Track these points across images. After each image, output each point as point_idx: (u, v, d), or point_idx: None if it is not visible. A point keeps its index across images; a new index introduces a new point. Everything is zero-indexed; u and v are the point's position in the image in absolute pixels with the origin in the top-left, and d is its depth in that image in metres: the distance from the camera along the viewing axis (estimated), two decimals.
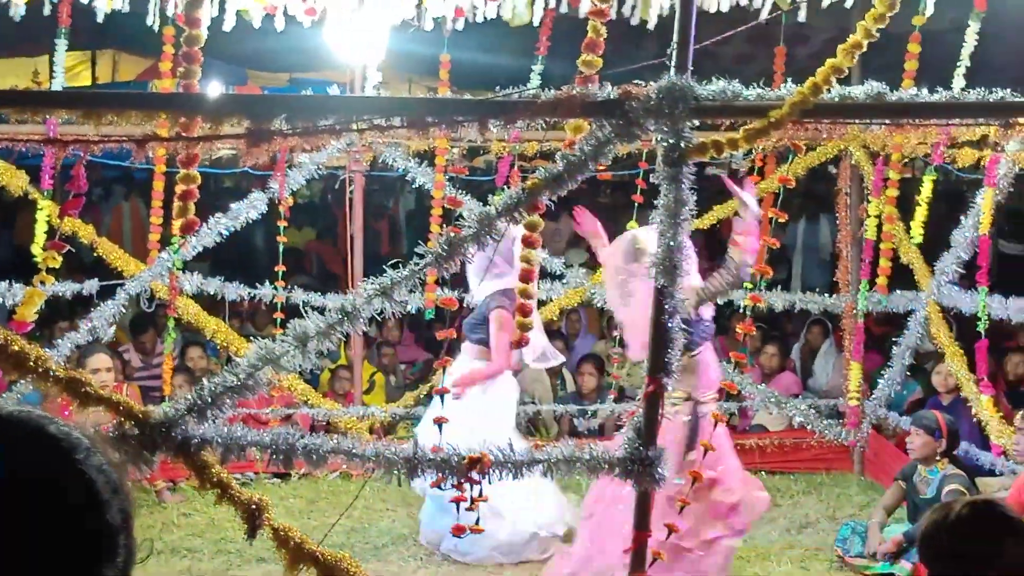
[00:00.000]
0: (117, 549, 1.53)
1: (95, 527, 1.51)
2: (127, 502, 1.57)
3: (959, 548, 3.29)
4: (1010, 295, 8.03)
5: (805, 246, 14.35)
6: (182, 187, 5.27)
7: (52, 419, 1.56)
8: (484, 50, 10.40)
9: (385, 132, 5.51)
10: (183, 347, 10.73)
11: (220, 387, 4.89)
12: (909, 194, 9.29)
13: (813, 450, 9.90)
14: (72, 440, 1.54)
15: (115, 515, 1.53)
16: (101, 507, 1.52)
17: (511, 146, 9.14)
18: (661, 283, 5.17)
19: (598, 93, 5.13)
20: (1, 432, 1.52)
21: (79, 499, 1.51)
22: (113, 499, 1.54)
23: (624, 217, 8.43)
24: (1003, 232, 8.70)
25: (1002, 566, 3.23)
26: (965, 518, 3.31)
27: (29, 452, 1.51)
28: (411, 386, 10.96)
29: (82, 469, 1.52)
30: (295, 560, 4.98)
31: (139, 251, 9.74)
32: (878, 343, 10.88)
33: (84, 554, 1.50)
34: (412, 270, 5.11)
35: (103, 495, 1.53)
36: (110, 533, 1.53)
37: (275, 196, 9.00)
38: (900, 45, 7.95)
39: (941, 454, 7.51)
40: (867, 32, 5.23)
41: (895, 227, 8.89)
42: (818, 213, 14.23)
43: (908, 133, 6.13)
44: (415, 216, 16.91)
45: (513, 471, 5.18)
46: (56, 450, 1.52)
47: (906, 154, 8.46)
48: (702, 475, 5.83)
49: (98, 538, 1.51)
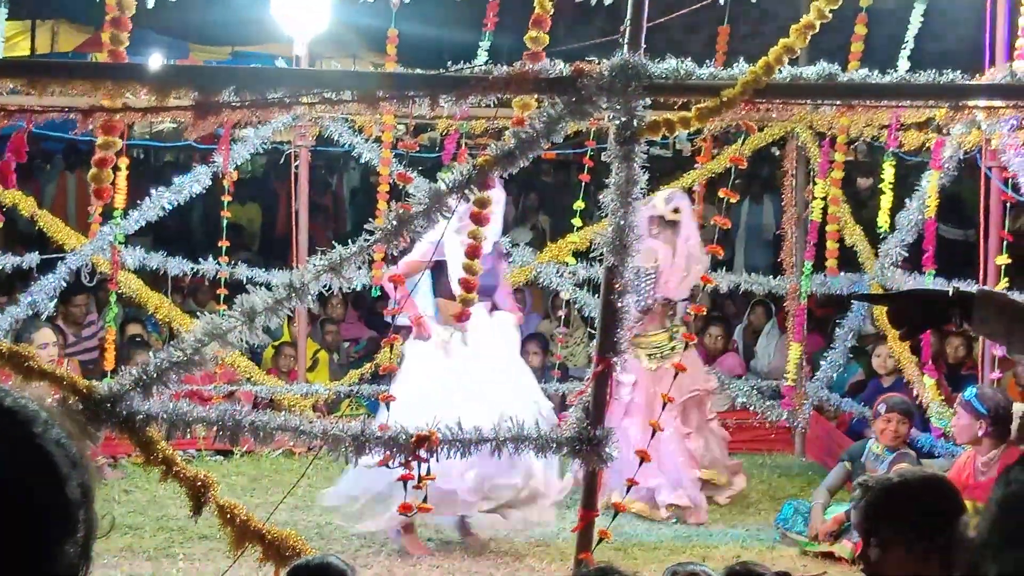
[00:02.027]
0: (77, 524, 1.49)
1: (54, 502, 1.47)
2: (87, 476, 1.52)
3: (913, 515, 3.33)
4: (950, 279, 8.08)
5: (748, 227, 14.42)
6: (100, 154, 5.15)
7: (7, 391, 1.51)
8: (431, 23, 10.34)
9: (335, 106, 5.45)
10: (123, 323, 10.58)
11: (166, 362, 4.83)
12: (851, 177, 9.35)
13: (755, 431, 9.94)
14: (28, 412, 1.49)
15: (74, 489, 1.48)
16: (60, 481, 1.47)
17: (457, 123, 9.08)
18: (611, 262, 5.17)
19: (551, 70, 5.11)
20: None
21: (37, 474, 1.46)
22: (72, 473, 1.49)
23: (568, 197, 8.42)
24: (943, 216, 8.75)
25: (943, 542, 3.26)
26: (925, 487, 3.37)
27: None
28: (355, 364, 10.89)
29: (39, 443, 1.47)
30: (241, 538, 4.95)
31: (83, 224, 9.59)
32: (820, 325, 10.95)
33: (43, 530, 1.45)
34: (361, 246, 5.07)
35: (62, 469, 1.48)
36: (69, 508, 1.48)
37: (219, 170, 8.88)
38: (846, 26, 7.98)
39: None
40: (820, 13, 5.25)
41: (840, 208, 8.94)
42: (762, 194, 14.30)
43: (857, 115, 6.14)
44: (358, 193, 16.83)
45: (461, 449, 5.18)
46: (12, 423, 1.47)
47: (852, 136, 8.50)
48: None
49: (57, 513, 1.47)
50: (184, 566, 6.99)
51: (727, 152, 9.49)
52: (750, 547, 7.60)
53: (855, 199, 9.45)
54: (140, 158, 17.65)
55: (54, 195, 15.51)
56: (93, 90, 5.00)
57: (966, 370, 9.67)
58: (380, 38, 8.31)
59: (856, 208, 9.54)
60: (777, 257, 10.13)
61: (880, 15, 7.89)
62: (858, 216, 9.39)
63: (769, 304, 11.51)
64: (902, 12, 8.07)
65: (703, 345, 10.67)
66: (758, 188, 14.34)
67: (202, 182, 8.93)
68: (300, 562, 3.95)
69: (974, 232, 10.42)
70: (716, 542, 7.64)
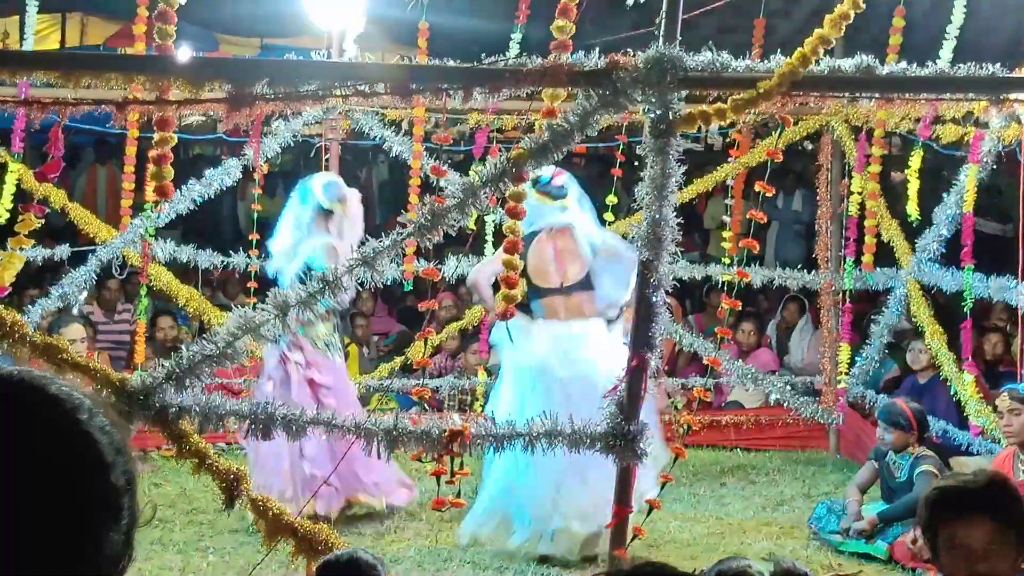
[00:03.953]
0: (122, 511, 1.49)
1: (100, 489, 1.47)
2: (131, 463, 1.52)
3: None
4: (988, 274, 7.98)
5: (780, 221, 14.34)
6: (157, 151, 5.14)
7: (52, 379, 1.51)
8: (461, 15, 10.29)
9: (368, 99, 5.40)
10: (153, 316, 10.59)
11: (199, 355, 4.81)
12: (886, 171, 9.25)
13: (789, 427, 9.88)
14: (74, 400, 1.49)
15: (119, 477, 1.48)
16: (106, 469, 1.47)
17: (488, 116, 9.04)
18: (645, 256, 5.12)
19: (586, 62, 5.06)
20: (1, 393, 1.46)
21: (83, 461, 1.46)
22: (117, 460, 1.49)
23: (600, 191, 8.36)
24: (981, 210, 8.65)
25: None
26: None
27: (31, 413, 1.45)
28: (385, 358, 10.87)
29: (86, 430, 1.47)
30: (273, 531, 4.92)
31: (113, 217, 9.59)
32: (855, 321, 10.86)
33: (88, 517, 1.45)
34: (394, 240, 5.04)
35: (107, 456, 1.48)
36: (115, 495, 1.48)
37: (249, 163, 8.86)
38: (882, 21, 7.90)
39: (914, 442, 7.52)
40: (855, 2, 5.17)
41: (877, 203, 8.85)
42: (794, 188, 14.19)
43: (895, 108, 6.06)
44: (387, 187, 16.78)
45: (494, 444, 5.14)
46: (58, 410, 1.47)
47: (889, 129, 8.41)
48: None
49: (103, 500, 1.47)
50: (214, 560, 6.98)
51: (760, 146, 9.42)
52: (784, 545, 7.54)
53: (890, 193, 9.32)
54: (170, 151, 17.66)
55: (84, 188, 15.54)
56: (128, 83, 4.97)
57: (1004, 367, 9.57)
58: (406, 31, 8.26)
59: (891, 202, 9.42)
60: (809, 252, 10.05)
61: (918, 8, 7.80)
62: (893, 210, 9.29)
63: (802, 299, 11.43)
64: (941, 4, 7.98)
65: (735, 340, 10.60)
66: (792, 182, 14.24)
67: (232, 175, 8.92)
68: (330, 556, 3.93)
69: (1012, 227, 10.32)
70: (750, 540, 7.58)
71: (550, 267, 7.20)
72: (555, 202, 7.24)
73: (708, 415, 9.88)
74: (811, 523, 7.71)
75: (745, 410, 10.23)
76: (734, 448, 9.88)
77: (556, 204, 7.23)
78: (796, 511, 8.25)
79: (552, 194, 7.22)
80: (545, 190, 7.19)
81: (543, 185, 7.16)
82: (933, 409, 8.61)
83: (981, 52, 5.77)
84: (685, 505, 8.30)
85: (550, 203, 7.23)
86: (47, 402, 1.47)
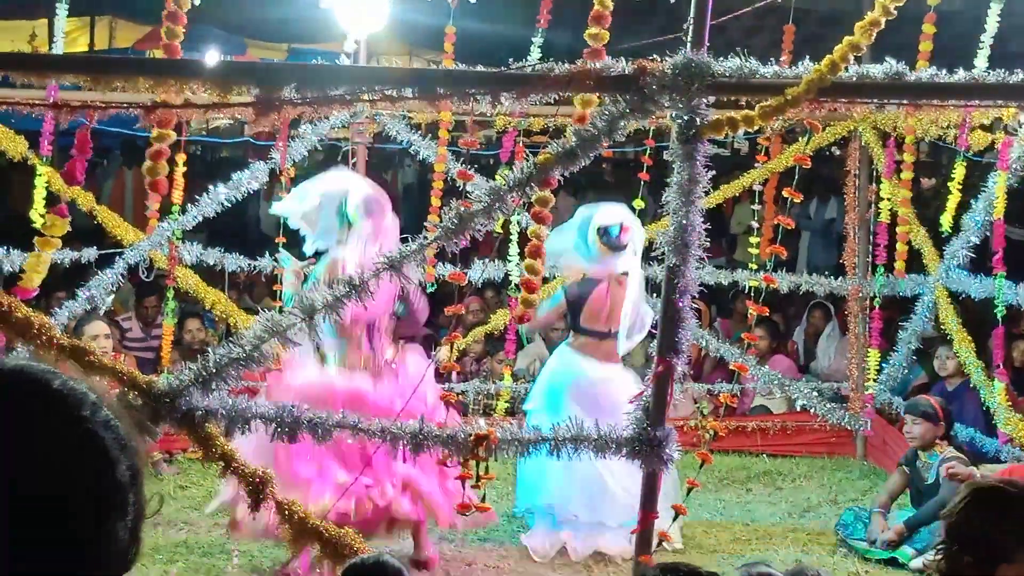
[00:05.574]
0: (127, 506, 1.49)
1: (105, 484, 1.47)
2: (136, 458, 1.53)
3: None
4: (1018, 281, 7.92)
5: (812, 229, 14.29)
6: (155, 147, 5.12)
7: (56, 373, 1.51)
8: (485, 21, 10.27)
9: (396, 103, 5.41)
10: (180, 319, 10.61)
11: (225, 358, 4.81)
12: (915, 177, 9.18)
13: (816, 433, 9.85)
14: (78, 395, 1.50)
15: (124, 472, 1.49)
16: (110, 464, 1.48)
17: (515, 120, 9.03)
18: (672, 262, 5.09)
19: (613, 68, 5.04)
20: (5, 388, 1.47)
21: (87, 456, 1.47)
22: (122, 455, 1.50)
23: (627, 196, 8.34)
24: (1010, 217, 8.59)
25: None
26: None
27: (34, 408, 1.46)
28: None
29: (89, 426, 1.48)
30: (299, 535, 4.92)
31: (140, 220, 9.61)
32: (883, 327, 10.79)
33: (94, 512, 1.46)
34: (421, 244, 5.03)
35: (112, 451, 1.49)
36: (120, 490, 1.49)
37: (276, 167, 8.87)
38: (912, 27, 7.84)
39: (940, 438, 7.50)
40: (885, 9, 5.14)
41: (908, 210, 8.80)
42: (828, 196, 14.14)
43: (924, 114, 6.02)
44: (412, 190, 16.81)
45: (519, 449, 5.12)
46: (61, 406, 1.48)
47: (918, 136, 8.36)
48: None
49: (108, 495, 1.47)
50: (240, 562, 6.99)
51: (788, 152, 9.39)
52: (810, 552, 7.51)
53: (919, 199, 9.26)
54: (197, 154, 17.73)
55: (111, 190, 15.59)
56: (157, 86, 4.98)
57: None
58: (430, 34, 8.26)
59: (920, 208, 9.37)
60: (839, 258, 10.00)
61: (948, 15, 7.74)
62: (921, 217, 9.24)
63: (827, 305, 11.36)
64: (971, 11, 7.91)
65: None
66: (824, 189, 14.18)
67: (259, 178, 8.92)
68: (355, 560, 3.92)
69: None
70: (776, 546, 7.55)
71: (603, 313, 7.49)
72: (615, 252, 7.51)
73: (734, 421, 9.86)
74: (838, 529, 7.69)
75: (771, 416, 10.19)
76: (760, 454, 9.84)
77: (616, 254, 7.51)
78: (823, 517, 8.22)
79: (613, 247, 7.48)
80: (609, 243, 7.47)
81: (610, 239, 7.47)
82: (961, 416, 8.56)
83: (1008, 59, 5.73)
84: (711, 511, 8.28)
85: (611, 255, 7.49)
86: (50, 398, 1.48)
